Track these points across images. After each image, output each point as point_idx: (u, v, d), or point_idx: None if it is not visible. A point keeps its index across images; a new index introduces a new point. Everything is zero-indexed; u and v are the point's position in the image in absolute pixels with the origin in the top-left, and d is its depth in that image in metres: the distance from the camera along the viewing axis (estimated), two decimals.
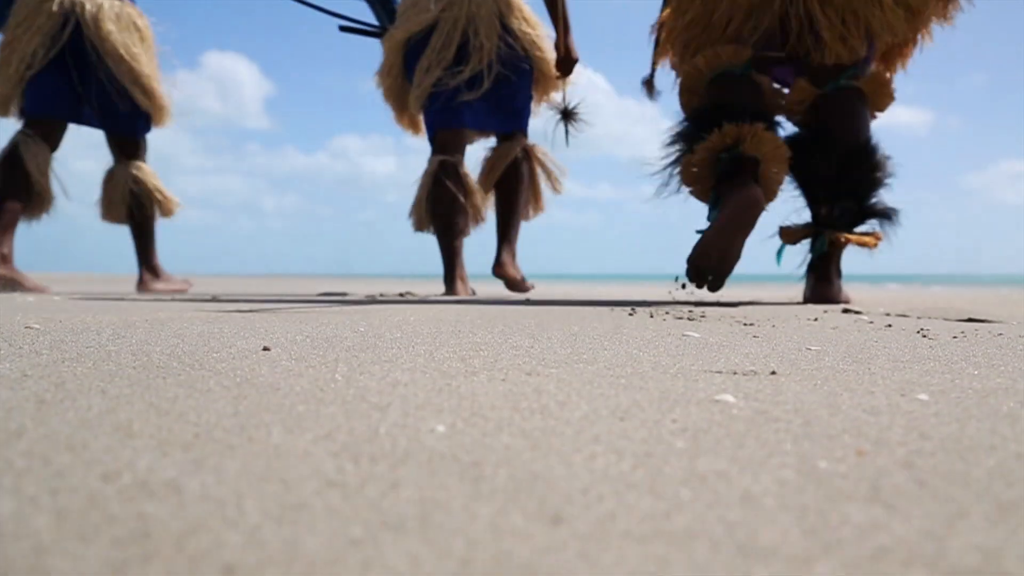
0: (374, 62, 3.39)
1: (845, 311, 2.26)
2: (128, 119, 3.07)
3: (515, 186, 3.22)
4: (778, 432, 0.57)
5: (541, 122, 3.39)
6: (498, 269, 3.29)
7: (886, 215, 2.54)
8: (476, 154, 4.64)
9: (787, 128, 2.63)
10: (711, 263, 2.19)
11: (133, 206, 3.18)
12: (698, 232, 2.29)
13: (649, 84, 2.94)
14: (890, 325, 1.70)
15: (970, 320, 1.91)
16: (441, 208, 3.16)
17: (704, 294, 2.77)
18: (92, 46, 2.87)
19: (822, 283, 2.59)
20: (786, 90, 2.74)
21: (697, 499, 0.41)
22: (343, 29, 3.23)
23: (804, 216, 2.64)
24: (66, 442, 0.51)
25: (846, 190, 2.48)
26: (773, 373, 0.89)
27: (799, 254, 2.70)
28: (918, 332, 1.51)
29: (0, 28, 2.95)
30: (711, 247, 2.17)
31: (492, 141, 3.40)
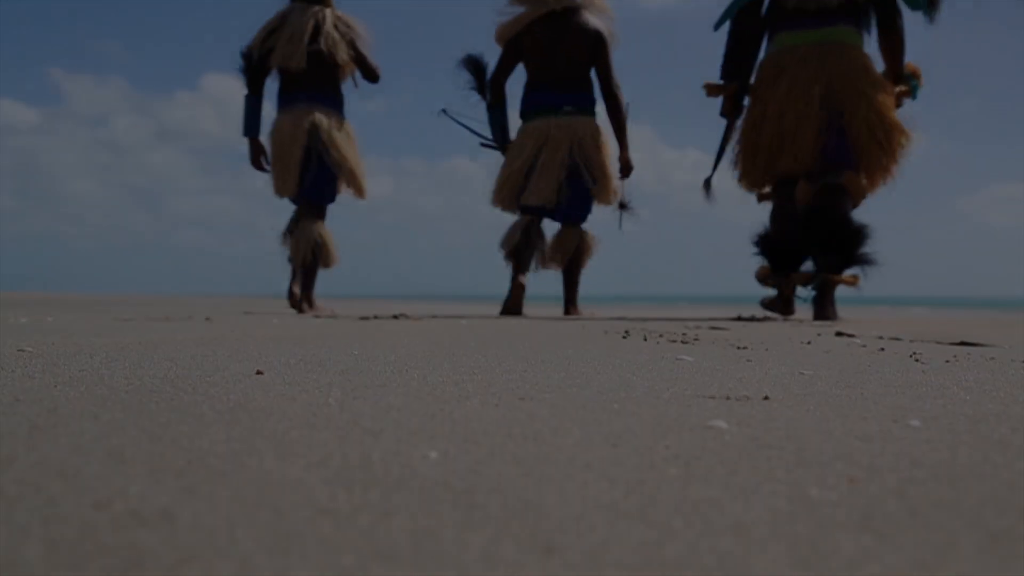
0: (372, 83, 4.56)
1: (838, 334, 2.27)
2: (324, 192, 4.51)
3: (575, 265, 4.45)
4: (770, 459, 0.58)
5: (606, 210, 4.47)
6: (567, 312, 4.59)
7: (866, 261, 3.77)
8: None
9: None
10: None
11: (316, 252, 4.46)
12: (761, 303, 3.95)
13: (707, 185, 4.15)
14: (883, 349, 1.71)
15: (963, 344, 1.92)
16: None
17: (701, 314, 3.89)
18: (324, 147, 4.37)
19: (821, 307, 3.76)
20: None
21: (689, 528, 0.41)
22: (483, 145, 4.39)
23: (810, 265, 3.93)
24: (58, 469, 0.51)
25: (833, 248, 3.71)
26: (766, 398, 0.89)
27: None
28: (911, 356, 1.51)
29: (249, 134, 4.50)
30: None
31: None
